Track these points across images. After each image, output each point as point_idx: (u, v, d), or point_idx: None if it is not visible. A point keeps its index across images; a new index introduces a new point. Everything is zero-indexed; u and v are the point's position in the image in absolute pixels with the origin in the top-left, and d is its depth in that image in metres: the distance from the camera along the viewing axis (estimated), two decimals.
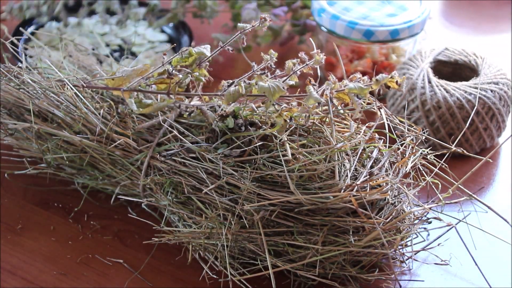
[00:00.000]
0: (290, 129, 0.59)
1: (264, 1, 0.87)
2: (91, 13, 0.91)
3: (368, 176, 0.56)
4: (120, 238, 0.65)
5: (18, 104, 0.66)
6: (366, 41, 0.78)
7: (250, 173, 0.56)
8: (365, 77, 0.58)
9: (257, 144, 0.57)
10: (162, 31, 0.92)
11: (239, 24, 0.61)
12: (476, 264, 0.58)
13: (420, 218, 0.59)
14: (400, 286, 0.59)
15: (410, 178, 0.59)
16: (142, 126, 0.62)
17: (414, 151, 0.59)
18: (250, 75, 0.59)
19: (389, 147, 0.59)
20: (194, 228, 0.59)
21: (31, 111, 0.64)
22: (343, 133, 0.60)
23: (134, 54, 0.87)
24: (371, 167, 0.58)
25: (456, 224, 0.57)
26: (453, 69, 0.77)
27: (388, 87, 0.58)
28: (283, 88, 0.56)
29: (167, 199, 0.60)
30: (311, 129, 0.60)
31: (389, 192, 0.55)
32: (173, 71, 0.59)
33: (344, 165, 0.56)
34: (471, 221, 0.62)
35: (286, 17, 0.89)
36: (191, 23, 0.90)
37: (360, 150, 0.57)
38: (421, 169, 0.60)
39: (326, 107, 0.59)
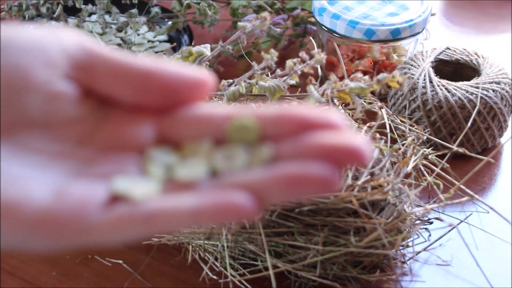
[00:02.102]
0: None
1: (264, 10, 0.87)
2: (91, 13, 0.91)
3: (369, 176, 0.56)
4: None
5: None
6: (367, 40, 0.78)
7: None
8: (366, 77, 0.58)
9: None
10: None
11: (239, 23, 0.61)
12: (477, 264, 0.58)
13: (421, 218, 0.59)
14: (402, 286, 0.59)
15: (411, 178, 0.59)
16: None
17: (415, 151, 0.59)
18: (250, 74, 0.59)
19: (390, 147, 0.59)
20: (194, 229, 0.59)
21: None
22: None
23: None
24: (372, 167, 0.57)
25: (458, 224, 0.57)
26: (455, 69, 0.77)
27: (389, 87, 0.58)
28: (284, 87, 0.56)
29: None
30: None
31: (390, 192, 0.55)
32: None
33: None
34: (472, 221, 0.62)
35: (286, 23, 0.89)
36: (191, 23, 0.90)
37: None
38: (423, 169, 0.60)
39: (327, 107, 0.59)
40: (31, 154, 0.30)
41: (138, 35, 0.91)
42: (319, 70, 0.61)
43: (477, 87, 0.71)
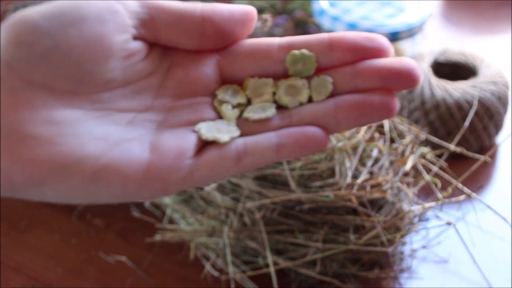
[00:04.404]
0: None
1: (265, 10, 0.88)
2: None
3: (368, 175, 0.57)
4: (122, 236, 0.65)
5: None
6: None
7: (252, 172, 0.56)
8: None
9: None
10: None
11: None
12: (475, 262, 0.58)
13: (419, 216, 0.59)
14: (400, 283, 0.60)
15: (410, 177, 0.60)
16: None
17: (413, 150, 0.59)
18: None
19: (389, 146, 0.60)
20: (196, 226, 0.59)
21: None
22: (343, 133, 0.61)
23: None
24: (371, 166, 0.58)
25: (455, 222, 0.58)
26: (452, 70, 0.78)
27: None
28: None
29: (169, 197, 0.61)
30: None
31: (389, 191, 0.56)
32: None
33: (344, 164, 0.57)
34: (469, 219, 0.63)
35: (287, 24, 0.90)
36: None
37: (361, 150, 0.58)
38: (421, 168, 0.60)
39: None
40: (119, 114, 0.32)
41: None
42: None
43: (475, 87, 0.72)
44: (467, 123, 0.65)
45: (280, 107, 0.33)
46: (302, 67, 0.33)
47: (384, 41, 0.32)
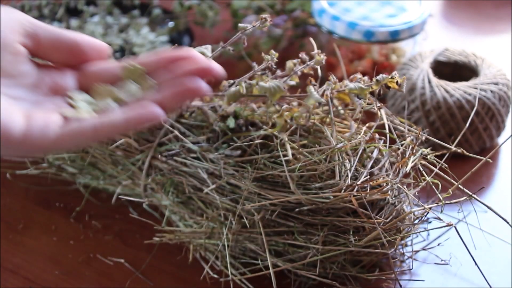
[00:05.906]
0: (291, 129, 0.59)
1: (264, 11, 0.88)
2: (93, 14, 0.91)
3: (368, 176, 0.56)
4: (121, 237, 0.65)
5: None
6: (366, 41, 0.79)
7: (251, 173, 0.56)
8: (366, 78, 0.59)
9: (258, 144, 0.58)
10: None
11: (239, 24, 0.61)
12: (476, 263, 0.58)
13: (420, 218, 0.59)
14: (400, 285, 0.59)
15: (410, 178, 0.59)
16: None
17: (414, 151, 0.59)
18: (251, 75, 0.59)
19: (389, 147, 0.59)
20: (195, 228, 0.59)
21: None
22: (343, 133, 0.61)
23: (135, 55, 0.88)
24: (372, 167, 0.58)
25: (456, 224, 0.57)
26: (453, 70, 0.77)
27: (389, 88, 0.58)
28: (284, 88, 0.56)
29: (168, 199, 0.60)
30: (311, 129, 0.60)
31: (389, 192, 0.55)
32: None
33: (344, 165, 0.56)
34: (470, 221, 0.63)
35: (286, 24, 0.89)
36: (192, 24, 0.90)
37: (361, 150, 0.58)
38: (421, 169, 0.60)
39: (327, 107, 0.60)
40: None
41: (139, 35, 0.91)
42: (319, 71, 0.61)
43: (476, 88, 0.72)
44: (468, 124, 0.64)
45: (118, 102, 0.44)
46: (133, 75, 0.45)
47: (193, 52, 0.45)
